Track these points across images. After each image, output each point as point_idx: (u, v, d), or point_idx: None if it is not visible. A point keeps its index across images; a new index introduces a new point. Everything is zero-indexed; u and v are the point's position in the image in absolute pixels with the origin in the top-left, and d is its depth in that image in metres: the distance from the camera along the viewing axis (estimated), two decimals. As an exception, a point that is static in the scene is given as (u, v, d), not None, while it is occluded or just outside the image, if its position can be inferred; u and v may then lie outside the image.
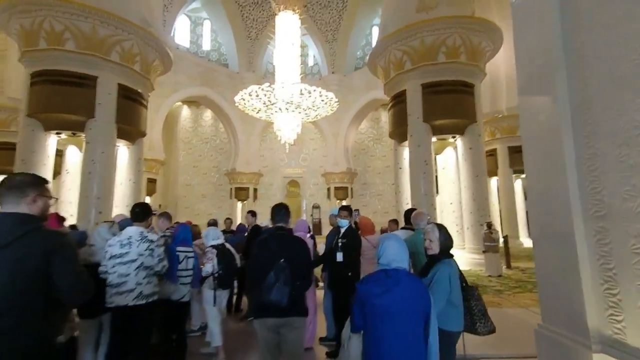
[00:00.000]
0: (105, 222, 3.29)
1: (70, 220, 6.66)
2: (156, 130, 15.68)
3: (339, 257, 3.27)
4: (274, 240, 2.29)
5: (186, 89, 16.90)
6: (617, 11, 1.77)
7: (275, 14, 12.65)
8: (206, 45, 19.79)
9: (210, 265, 3.15)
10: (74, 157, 7.49)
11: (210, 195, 20.77)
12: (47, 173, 6.72)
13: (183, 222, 4.27)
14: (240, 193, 18.94)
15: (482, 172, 8.17)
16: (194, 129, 21.11)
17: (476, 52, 7.87)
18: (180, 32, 18.83)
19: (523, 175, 14.01)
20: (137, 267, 2.47)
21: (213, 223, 5.10)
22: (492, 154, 13.03)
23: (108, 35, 6.56)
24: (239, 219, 18.24)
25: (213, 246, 3.33)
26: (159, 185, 17.97)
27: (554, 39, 2.14)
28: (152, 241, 2.59)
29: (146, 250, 2.54)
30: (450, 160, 9.38)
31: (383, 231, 5.54)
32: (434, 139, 8.34)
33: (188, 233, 3.16)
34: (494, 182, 13.60)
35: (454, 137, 8.55)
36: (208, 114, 20.86)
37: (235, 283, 4.42)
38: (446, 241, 2.05)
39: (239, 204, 19.12)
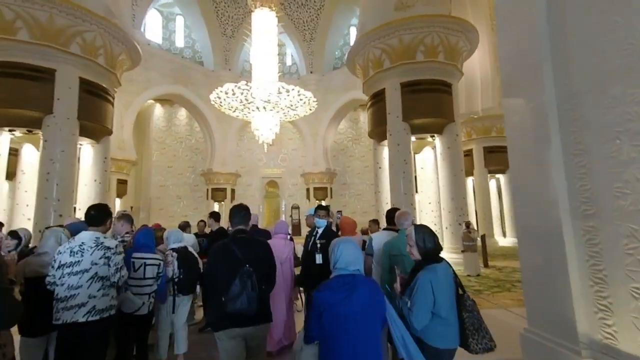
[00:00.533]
0: (52, 227, 2.90)
1: (28, 224, 6.11)
2: (127, 129, 14.91)
3: (318, 259, 3.10)
4: (235, 244, 2.10)
5: (159, 86, 16.18)
6: (603, 2, 1.70)
7: (252, 11, 12.32)
8: (179, 42, 19.06)
9: (169, 270, 2.91)
10: (30, 156, 6.86)
11: (185, 196, 20.06)
12: (-1, 174, 6.16)
13: (147, 225, 3.96)
14: (217, 194, 18.40)
15: (460, 172, 8.25)
16: (167, 128, 20.30)
17: (454, 52, 7.95)
18: (152, 28, 18.02)
19: (498, 175, 14.52)
20: (91, 278, 2.16)
21: (184, 226, 4.79)
22: (468, 154, 13.30)
23: (67, 25, 6.03)
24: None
25: (174, 249, 3.08)
26: (131, 186, 17.09)
27: (539, 32, 2.06)
28: (108, 248, 2.28)
29: (101, 258, 2.23)
30: (429, 160, 9.46)
31: (364, 232, 5.43)
32: (413, 138, 8.35)
33: (149, 237, 2.82)
34: (470, 181, 13.91)
35: (432, 137, 8.60)
36: (182, 113, 20.13)
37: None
38: (426, 245, 1.87)
39: (216, 205, 18.56)
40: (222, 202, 18.57)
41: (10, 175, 7.37)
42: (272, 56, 12.12)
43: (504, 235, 14.39)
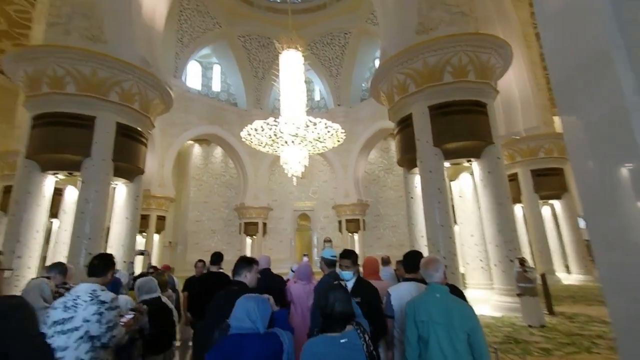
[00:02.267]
0: (36, 278, 2.73)
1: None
2: (167, 168, 15.82)
3: None
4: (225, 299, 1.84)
5: (197, 127, 17.28)
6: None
7: (280, 53, 12.98)
8: (216, 87, 20.51)
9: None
10: (71, 197, 7.31)
11: (220, 230, 20.49)
12: (41, 214, 6.54)
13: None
14: (250, 228, 18.53)
15: (506, 199, 7.32)
16: (204, 165, 21.33)
17: (485, 70, 7.48)
18: (192, 76, 19.66)
19: (552, 201, 12.86)
20: (79, 338, 1.89)
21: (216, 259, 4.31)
22: (512, 178, 12.15)
23: (107, 76, 6.63)
24: (248, 254, 17.64)
25: (144, 301, 2.71)
26: (169, 222, 17.83)
27: (606, 18, 1.64)
28: (103, 302, 2.04)
29: (94, 314, 1.98)
30: (467, 187, 8.68)
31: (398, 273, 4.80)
32: (446, 164, 7.75)
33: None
34: (518, 209, 12.55)
35: (469, 161, 7.94)
36: (218, 151, 21.14)
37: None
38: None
39: (248, 240, 18.63)
40: (254, 236, 18.61)
41: (55, 214, 7.87)
42: (299, 92, 12.48)
43: (568, 271, 12.37)
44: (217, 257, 3.89)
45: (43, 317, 1.97)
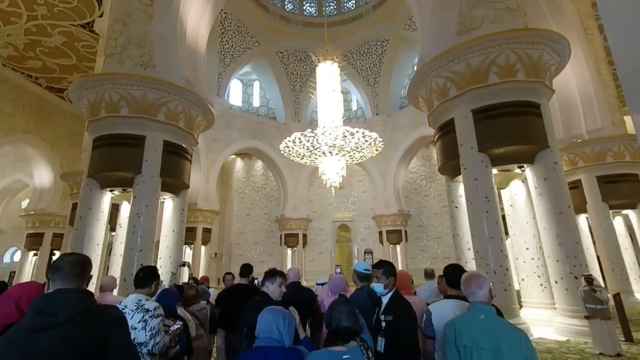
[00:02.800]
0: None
1: (118, 273, 6.79)
2: (212, 182, 16.65)
3: (380, 344, 2.10)
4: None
5: (238, 142, 18.04)
6: None
7: (316, 65, 13.19)
8: (256, 102, 21.38)
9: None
10: (126, 212, 7.91)
11: (261, 242, 20.96)
12: (99, 228, 7.16)
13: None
14: (290, 239, 18.70)
15: (567, 209, 6.48)
16: (246, 179, 22.14)
17: (537, 67, 6.82)
18: (234, 94, 20.71)
19: (625, 211, 11.17)
20: None
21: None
22: (575, 186, 10.82)
23: (156, 98, 7.17)
24: (289, 265, 17.79)
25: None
26: (214, 234, 18.63)
27: None
28: (147, 310, 2.19)
29: (140, 322, 2.14)
30: (520, 195, 7.91)
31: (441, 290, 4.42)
32: (494, 170, 7.14)
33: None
34: (582, 220, 11.13)
35: (521, 167, 7.24)
36: (259, 164, 21.85)
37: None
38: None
39: (289, 251, 18.78)
40: (295, 248, 18.73)
41: (113, 228, 8.59)
42: (336, 103, 12.53)
43: None
44: (245, 269, 3.84)
45: None
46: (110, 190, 7.34)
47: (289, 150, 12.52)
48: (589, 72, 11.28)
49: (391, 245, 17.28)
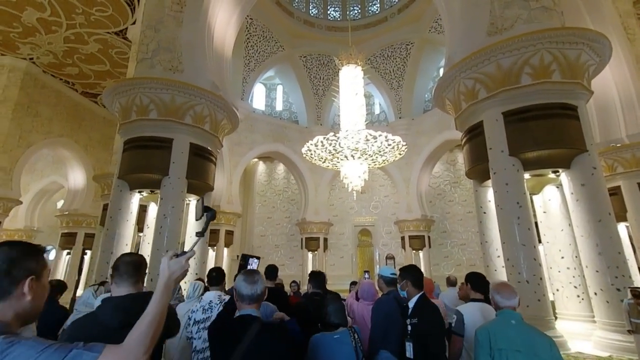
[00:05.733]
0: (91, 285, 3.48)
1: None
2: (234, 185, 16.94)
3: (409, 350, 2.15)
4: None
5: (261, 146, 18.30)
6: None
7: (339, 69, 13.20)
8: (279, 106, 21.63)
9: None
10: (153, 213, 8.15)
11: (282, 245, 21.06)
12: (128, 228, 7.42)
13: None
14: (311, 243, 18.65)
15: (608, 216, 6.06)
16: (268, 182, 22.38)
17: (574, 68, 6.46)
18: (257, 98, 21.06)
19: None
20: None
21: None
22: (614, 192, 10.22)
23: (184, 102, 7.38)
24: (309, 269, 17.75)
25: None
26: (236, 236, 18.90)
27: None
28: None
29: None
30: (554, 201, 7.49)
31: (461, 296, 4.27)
32: (526, 175, 6.80)
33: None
34: (621, 229, 10.44)
35: (555, 172, 6.85)
36: (281, 168, 22.04)
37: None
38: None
39: (310, 255, 18.73)
40: (316, 252, 18.66)
41: (140, 230, 8.88)
42: (359, 107, 12.47)
43: None
44: (271, 271, 3.69)
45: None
46: (139, 192, 7.61)
47: (311, 154, 12.54)
48: (630, 72, 10.67)
49: (414, 251, 16.86)
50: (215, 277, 2.93)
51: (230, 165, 16.80)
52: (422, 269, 15.76)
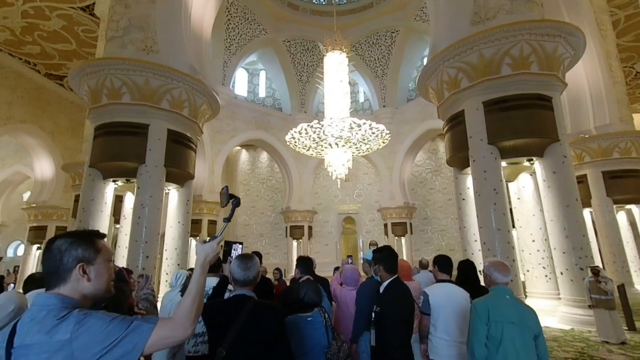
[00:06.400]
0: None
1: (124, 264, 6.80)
2: (216, 174, 16.58)
3: (373, 337, 2.24)
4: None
5: (243, 133, 17.91)
6: None
7: (324, 56, 12.98)
8: (262, 92, 21.17)
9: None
10: (130, 203, 7.89)
11: (267, 234, 21.01)
12: (103, 220, 7.10)
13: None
14: (295, 231, 18.71)
15: (575, 201, 6.43)
16: (251, 170, 22.10)
17: (551, 60, 6.62)
18: (239, 84, 20.51)
19: (629, 206, 11.39)
20: None
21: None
22: (581, 180, 10.83)
23: (159, 85, 7.05)
24: (294, 257, 17.86)
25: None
26: (220, 226, 18.64)
27: None
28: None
29: None
30: (528, 188, 7.82)
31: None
32: (503, 163, 7.01)
33: None
34: (586, 214, 11.16)
35: (530, 161, 7.10)
36: (264, 156, 21.77)
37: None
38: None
39: (294, 243, 18.81)
40: (300, 240, 18.75)
41: (118, 221, 8.58)
42: (343, 94, 12.35)
43: None
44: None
45: None
46: (114, 181, 7.29)
47: (295, 142, 12.41)
48: (600, 68, 11.14)
49: (396, 238, 17.24)
50: (213, 265, 2.92)
51: (211, 153, 16.41)
52: (404, 255, 16.32)
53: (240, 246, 3.03)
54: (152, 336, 0.97)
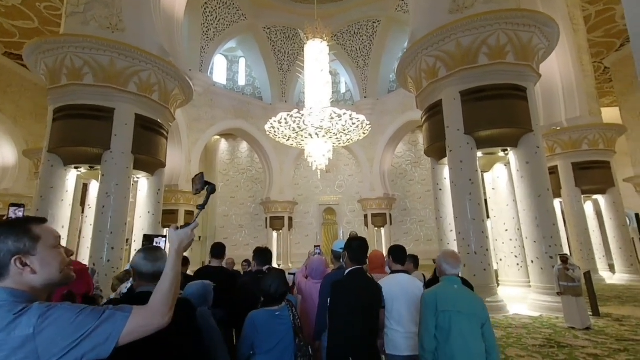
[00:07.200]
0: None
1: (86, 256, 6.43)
2: (194, 163, 16.06)
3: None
4: None
5: (222, 122, 17.38)
6: None
7: (305, 44, 12.68)
8: (242, 81, 20.58)
9: None
10: (95, 191, 7.43)
11: (247, 225, 20.73)
12: (64, 208, 6.64)
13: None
14: (276, 222, 18.51)
15: (546, 191, 6.60)
16: (231, 160, 21.62)
17: (526, 50, 6.69)
18: (218, 71, 19.83)
19: (595, 196, 11.90)
20: None
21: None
22: (552, 171, 11.22)
23: (126, 66, 6.60)
24: (274, 249, 17.71)
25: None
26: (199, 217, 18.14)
27: None
28: None
29: None
30: (502, 179, 7.96)
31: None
32: (479, 153, 7.08)
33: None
34: (556, 204, 11.60)
35: (504, 151, 7.21)
36: (244, 146, 21.32)
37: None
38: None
39: (274, 234, 18.64)
40: (280, 231, 18.60)
41: (84, 210, 8.10)
42: (324, 84, 12.13)
43: (612, 270, 11.53)
44: (219, 250, 3.35)
45: None
46: (76, 168, 6.81)
47: (275, 131, 12.14)
48: (572, 61, 11.44)
49: (376, 229, 17.39)
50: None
51: (188, 142, 15.83)
52: (383, 246, 16.47)
53: (163, 240, 2.81)
54: (128, 325, 0.93)
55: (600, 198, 11.88)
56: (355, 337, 2.00)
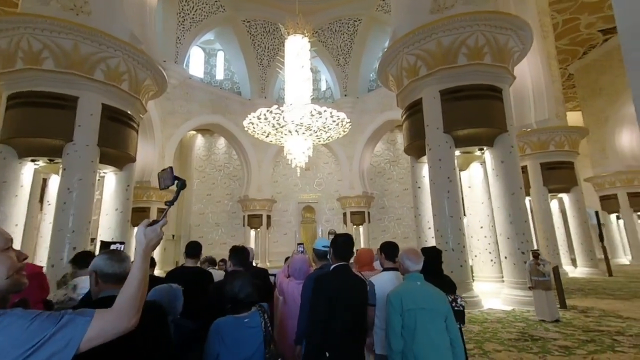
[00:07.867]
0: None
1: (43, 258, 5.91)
2: (167, 159, 15.38)
3: None
4: None
5: (198, 117, 16.78)
6: None
7: (285, 39, 12.44)
8: (220, 75, 19.98)
9: None
10: (56, 187, 6.87)
11: (223, 223, 20.18)
12: (18, 205, 6.03)
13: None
14: (254, 221, 18.17)
15: (519, 190, 6.84)
16: (207, 157, 20.97)
17: (503, 52, 6.87)
18: (195, 64, 19.13)
19: (560, 195, 12.68)
20: None
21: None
22: (522, 171, 11.81)
23: (91, 52, 6.11)
24: (252, 247, 17.36)
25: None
26: (172, 214, 17.51)
27: None
28: None
29: None
30: (478, 177, 8.17)
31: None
32: (457, 152, 7.20)
33: None
34: (526, 202, 12.25)
35: (481, 150, 7.38)
36: (222, 142, 20.73)
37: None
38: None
39: (252, 232, 18.29)
40: (258, 229, 18.27)
41: (42, 206, 7.46)
42: (305, 80, 11.95)
43: (574, 264, 12.40)
44: (194, 249, 3.10)
45: None
46: (32, 161, 6.23)
47: (254, 127, 11.85)
48: (542, 66, 12.00)
49: (354, 226, 17.47)
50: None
51: (162, 136, 15.16)
52: (362, 243, 16.57)
53: (122, 246, 2.64)
54: (90, 329, 0.88)
55: (564, 196, 12.61)
56: (334, 333, 1.91)
